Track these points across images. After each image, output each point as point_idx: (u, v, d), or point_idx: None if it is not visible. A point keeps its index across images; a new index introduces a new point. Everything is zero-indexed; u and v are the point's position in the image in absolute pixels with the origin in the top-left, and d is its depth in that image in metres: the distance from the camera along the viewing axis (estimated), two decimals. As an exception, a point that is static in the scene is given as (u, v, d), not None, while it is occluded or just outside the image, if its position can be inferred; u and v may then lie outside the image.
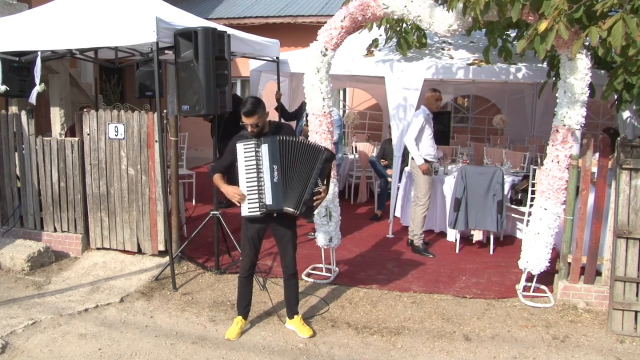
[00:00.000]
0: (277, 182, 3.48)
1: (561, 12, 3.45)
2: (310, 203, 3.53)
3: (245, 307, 3.89)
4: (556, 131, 4.31)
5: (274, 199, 3.50)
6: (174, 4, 6.05)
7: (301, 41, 7.64)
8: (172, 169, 5.12)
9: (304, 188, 3.50)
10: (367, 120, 10.58)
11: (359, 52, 6.61)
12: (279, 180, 3.48)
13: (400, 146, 6.13)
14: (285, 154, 3.49)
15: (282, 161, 3.49)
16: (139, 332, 3.90)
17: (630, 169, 4.16)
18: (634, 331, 3.99)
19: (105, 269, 5.07)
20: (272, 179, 3.48)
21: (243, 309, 3.88)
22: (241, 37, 5.90)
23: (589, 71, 4.14)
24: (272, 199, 3.50)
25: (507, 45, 5.81)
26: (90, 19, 4.88)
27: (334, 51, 4.60)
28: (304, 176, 3.51)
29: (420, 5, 4.40)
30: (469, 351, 3.70)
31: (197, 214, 6.33)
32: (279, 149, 3.48)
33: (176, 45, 4.55)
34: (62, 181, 5.34)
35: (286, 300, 3.94)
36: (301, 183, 3.50)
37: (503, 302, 4.50)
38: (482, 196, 5.55)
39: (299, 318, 3.91)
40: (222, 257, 5.16)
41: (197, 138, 10.39)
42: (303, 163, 3.52)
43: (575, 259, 4.42)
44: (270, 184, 3.49)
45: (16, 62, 5.25)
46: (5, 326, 3.88)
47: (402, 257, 5.60)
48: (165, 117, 5.00)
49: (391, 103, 6.10)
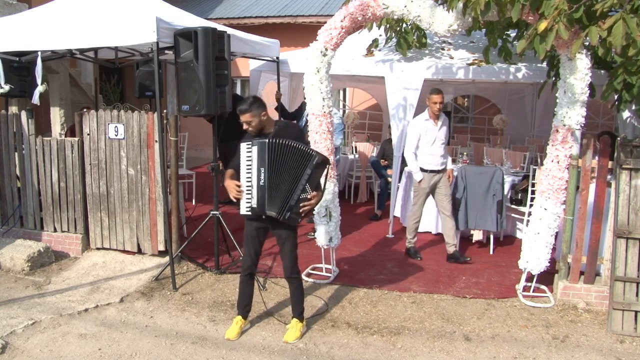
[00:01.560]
0: (263, 185, 3.45)
1: (561, 12, 3.45)
2: (296, 209, 3.46)
3: (245, 307, 3.88)
4: (556, 131, 4.31)
5: (258, 202, 3.48)
6: (174, 4, 6.05)
7: (301, 41, 7.64)
8: (172, 169, 5.12)
9: (290, 193, 3.44)
10: (367, 120, 10.58)
11: (359, 52, 6.61)
12: (264, 183, 3.44)
13: (400, 146, 6.13)
14: (273, 157, 3.43)
15: (270, 164, 3.44)
16: (139, 332, 3.90)
17: (630, 169, 4.16)
18: (634, 331, 3.99)
19: (105, 269, 5.07)
20: (258, 181, 3.46)
21: (242, 308, 3.88)
22: (241, 37, 5.90)
23: (589, 71, 4.14)
24: (257, 201, 3.48)
25: (507, 45, 5.81)
26: (90, 19, 4.88)
27: (334, 51, 4.60)
28: (292, 181, 3.45)
29: (420, 5, 4.40)
30: (469, 351, 3.70)
31: (197, 214, 6.33)
32: (267, 151, 3.42)
33: (176, 45, 4.55)
34: (62, 181, 5.34)
35: (290, 301, 3.94)
36: (288, 188, 3.44)
37: (503, 302, 4.50)
38: (482, 196, 5.55)
39: (296, 322, 3.86)
40: (222, 257, 5.16)
41: (197, 138, 10.40)
42: (291, 167, 3.44)
43: (575, 259, 4.42)
44: (257, 186, 3.47)
45: (16, 62, 5.26)
46: (5, 326, 3.88)
47: (402, 257, 5.60)
48: (165, 117, 5.00)
49: (391, 103, 6.10)
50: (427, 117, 5.34)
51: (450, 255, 5.44)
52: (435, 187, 5.45)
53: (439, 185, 5.44)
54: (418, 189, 5.48)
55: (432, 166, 5.37)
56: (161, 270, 4.91)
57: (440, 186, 5.44)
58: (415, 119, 5.45)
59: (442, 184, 5.44)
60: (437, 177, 5.42)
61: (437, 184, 5.43)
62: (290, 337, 3.79)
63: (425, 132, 5.32)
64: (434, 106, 5.23)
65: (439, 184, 5.44)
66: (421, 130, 5.32)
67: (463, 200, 5.59)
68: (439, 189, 5.45)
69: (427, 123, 5.33)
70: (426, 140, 5.33)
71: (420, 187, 5.43)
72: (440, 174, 5.42)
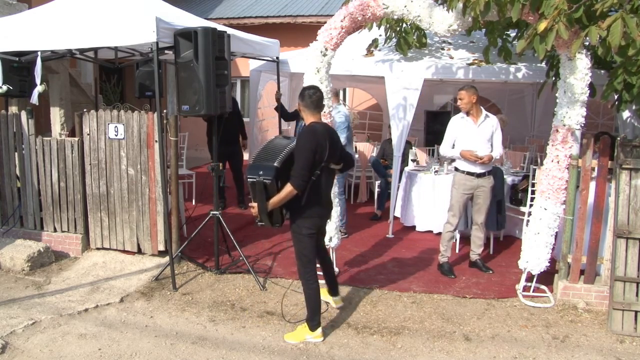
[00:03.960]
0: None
1: (561, 12, 3.45)
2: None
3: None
4: (556, 131, 4.31)
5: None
6: (174, 4, 6.05)
7: (301, 41, 7.64)
8: (172, 169, 5.11)
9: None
10: (367, 120, 10.58)
11: (359, 52, 6.61)
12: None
13: (400, 146, 6.13)
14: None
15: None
16: (139, 332, 3.90)
17: (630, 168, 4.16)
18: (634, 331, 3.99)
19: (105, 269, 5.07)
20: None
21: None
22: (241, 37, 5.90)
23: (588, 71, 4.14)
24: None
25: (506, 45, 5.81)
26: (90, 19, 4.88)
27: (334, 51, 4.60)
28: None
29: (420, 5, 4.40)
30: (469, 351, 3.70)
31: (197, 214, 6.33)
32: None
33: (176, 45, 4.55)
34: (62, 181, 5.34)
35: None
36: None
37: (503, 302, 4.50)
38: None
39: (302, 326, 3.84)
40: (222, 257, 5.15)
41: (197, 138, 10.38)
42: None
43: (575, 258, 4.42)
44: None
45: (16, 62, 5.26)
46: (5, 326, 3.88)
47: (402, 257, 5.60)
48: (165, 117, 5.00)
49: (391, 103, 6.10)
50: (463, 114, 5.01)
51: (473, 263, 5.24)
52: (473, 194, 5.01)
53: (476, 193, 4.99)
54: (452, 193, 5.06)
55: (467, 167, 4.95)
56: (161, 270, 4.91)
57: (478, 194, 4.99)
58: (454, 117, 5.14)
59: (480, 192, 4.97)
60: (477, 182, 4.95)
61: (476, 191, 4.98)
62: (287, 337, 3.79)
63: (461, 130, 4.99)
64: (461, 104, 4.95)
65: (477, 192, 4.98)
66: (456, 127, 5.02)
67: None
68: (476, 197, 5.01)
69: (463, 120, 5.00)
70: (462, 139, 4.96)
71: (455, 190, 5.01)
72: (479, 178, 4.94)
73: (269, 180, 3.42)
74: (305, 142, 3.48)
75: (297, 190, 3.45)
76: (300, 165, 3.44)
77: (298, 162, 3.45)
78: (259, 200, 3.51)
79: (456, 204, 5.03)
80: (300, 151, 3.47)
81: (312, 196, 3.54)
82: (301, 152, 3.46)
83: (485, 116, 4.96)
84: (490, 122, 4.97)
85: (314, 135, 3.50)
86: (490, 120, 4.98)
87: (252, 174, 3.47)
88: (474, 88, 4.92)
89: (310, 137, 3.50)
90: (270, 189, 3.45)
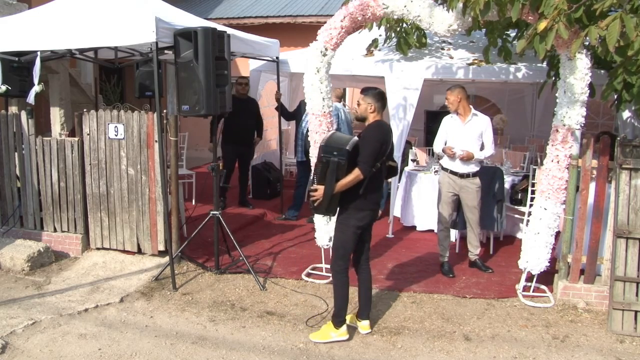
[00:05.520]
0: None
1: (561, 12, 3.45)
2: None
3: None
4: (556, 131, 4.31)
5: None
6: (174, 4, 6.04)
7: (301, 41, 7.64)
8: (172, 169, 5.11)
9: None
10: (367, 120, 10.55)
11: (359, 52, 6.61)
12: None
13: (400, 146, 6.12)
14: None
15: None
16: (139, 332, 3.90)
17: (630, 168, 4.16)
18: (633, 331, 3.99)
19: (105, 269, 5.07)
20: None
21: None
22: (241, 37, 5.90)
23: (588, 71, 4.14)
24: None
25: (507, 45, 5.81)
26: (90, 19, 4.88)
27: (334, 51, 4.60)
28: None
29: (420, 5, 4.39)
30: (468, 351, 3.70)
31: (197, 214, 6.33)
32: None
33: (176, 45, 4.55)
34: (62, 181, 5.34)
35: None
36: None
37: (503, 302, 4.50)
38: (482, 196, 5.54)
39: (329, 322, 3.86)
40: (222, 257, 5.15)
41: (197, 138, 10.39)
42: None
43: (575, 258, 4.42)
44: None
45: (16, 62, 5.26)
46: (5, 326, 3.88)
47: (402, 257, 5.60)
48: (165, 117, 5.00)
49: (391, 103, 6.10)
50: (453, 113, 5.06)
51: (472, 263, 5.25)
52: (459, 195, 5.02)
53: (461, 194, 5.00)
54: (438, 190, 5.13)
55: (450, 165, 5.00)
56: (161, 270, 4.91)
57: (463, 196, 5.00)
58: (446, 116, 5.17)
59: (465, 193, 4.98)
60: (460, 183, 4.98)
61: (461, 191, 5.00)
62: (313, 336, 3.81)
63: (450, 129, 5.05)
64: (447, 103, 5.02)
65: (462, 193, 4.99)
66: (446, 126, 5.08)
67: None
68: (463, 199, 5.01)
69: (451, 119, 5.06)
70: (450, 137, 5.03)
71: (440, 187, 5.08)
72: (463, 179, 4.96)
73: (343, 160, 3.51)
74: (374, 133, 3.71)
75: (363, 175, 3.57)
76: (368, 152, 3.59)
77: (367, 150, 3.60)
78: (328, 181, 3.56)
79: (443, 203, 5.10)
80: (369, 141, 3.65)
81: (369, 187, 3.65)
82: (370, 142, 3.64)
83: (473, 115, 5.00)
84: (478, 121, 5.02)
85: (382, 129, 3.76)
86: (478, 119, 5.02)
87: (327, 153, 3.53)
88: (459, 87, 4.99)
89: (379, 129, 3.74)
90: (340, 171, 3.53)
